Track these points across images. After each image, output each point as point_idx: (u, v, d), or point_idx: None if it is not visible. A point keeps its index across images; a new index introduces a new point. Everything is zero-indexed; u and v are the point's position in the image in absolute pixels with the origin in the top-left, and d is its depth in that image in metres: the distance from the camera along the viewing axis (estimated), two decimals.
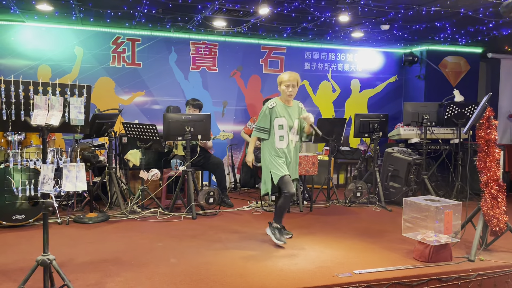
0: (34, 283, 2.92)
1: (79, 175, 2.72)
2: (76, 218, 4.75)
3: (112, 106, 5.77)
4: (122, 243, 4.02)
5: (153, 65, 6.62)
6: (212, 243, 4.07)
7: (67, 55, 6.23)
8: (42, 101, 2.65)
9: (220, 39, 6.89)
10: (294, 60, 7.30)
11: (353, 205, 5.76)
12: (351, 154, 7.22)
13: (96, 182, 5.25)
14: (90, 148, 5.41)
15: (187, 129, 5.04)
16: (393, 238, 4.29)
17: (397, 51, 7.88)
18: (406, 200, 3.90)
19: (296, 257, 3.69)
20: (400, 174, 5.80)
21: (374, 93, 7.86)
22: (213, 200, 5.18)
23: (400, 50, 7.85)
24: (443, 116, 6.01)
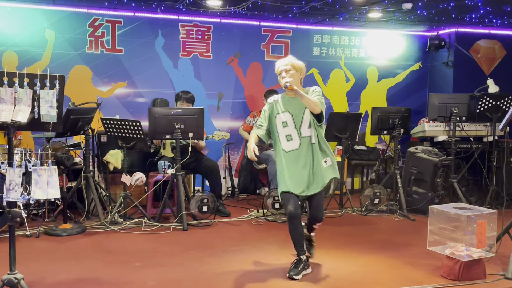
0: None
1: (51, 180, 2.71)
2: (48, 230, 4.74)
3: (89, 99, 5.75)
4: (101, 259, 4.01)
5: (137, 51, 6.60)
6: (207, 258, 4.06)
7: (36, 39, 6.21)
8: (7, 94, 2.64)
9: (215, 20, 6.88)
10: (301, 44, 7.29)
11: (370, 213, 5.75)
12: (368, 155, 7.21)
13: (71, 188, 5.24)
14: (64, 148, 5.41)
15: (177, 126, 5.03)
16: (417, 252, 4.29)
17: (421, 34, 7.87)
18: (433, 208, 3.89)
19: (305, 275, 3.67)
20: (425, 177, 5.79)
21: (395, 83, 7.85)
22: (207, 208, 5.18)
23: (425, 33, 7.84)
24: (475, 110, 6.00)
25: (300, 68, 3.67)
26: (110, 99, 6.55)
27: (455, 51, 7.57)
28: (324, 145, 3.71)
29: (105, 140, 5.79)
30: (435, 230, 3.87)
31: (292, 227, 3.63)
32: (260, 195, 6.82)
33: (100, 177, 5.74)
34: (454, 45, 7.56)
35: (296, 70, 3.63)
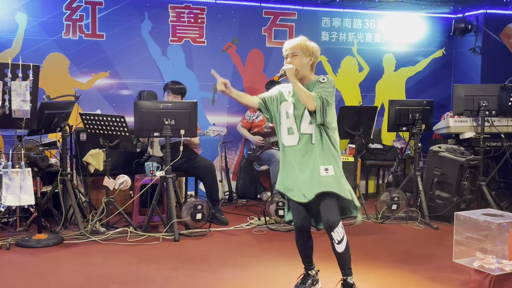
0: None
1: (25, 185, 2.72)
2: (20, 241, 4.74)
3: (66, 92, 5.76)
4: (81, 273, 4.02)
5: (120, 37, 6.61)
6: (201, 273, 4.07)
7: (5, 24, 6.21)
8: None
9: (209, 1, 6.89)
10: (308, 28, 7.29)
11: (387, 221, 5.76)
12: (384, 154, 7.23)
13: (46, 193, 5.25)
14: (38, 147, 5.41)
15: (167, 122, 5.04)
16: (441, 265, 4.31)
17: (445, 17, 7.88)
18: (459, 215, 3.90)
19: None
20: (449, 180, 5.81)
21: (415, 73, 7.87)
22: (202, 215, 5.19)
23: (449, 15, 7.85)
24: (507, 103, 6.00)
25: (310, 52, 3.53)
26: (90, 91, 6.55)
27: (484, 36, 7.58)
28: (329, 151, 3.47)
29: (85, 138, 5.80)
30: (462, 240, 3.88)
31: (300, 240, 3.63)
32: (261, 200, 6.84)
33: (79, 181, 5.75)
34: (482, 29, 7.57)
35: (305, 55, 3.51)
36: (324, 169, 3.40)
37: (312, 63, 3.56)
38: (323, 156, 3.44)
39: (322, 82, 3.46)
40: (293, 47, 3.51)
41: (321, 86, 3.45)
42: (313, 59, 3.55)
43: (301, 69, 3.51)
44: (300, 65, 3.50)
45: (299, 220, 3.54)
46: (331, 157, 3.45)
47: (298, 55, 3.50)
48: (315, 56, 3.56)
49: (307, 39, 3.57)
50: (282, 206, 5.42)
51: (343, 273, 3.44)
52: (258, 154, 6.47)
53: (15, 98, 2.66)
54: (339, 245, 3.38)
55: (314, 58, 3.56)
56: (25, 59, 2.81)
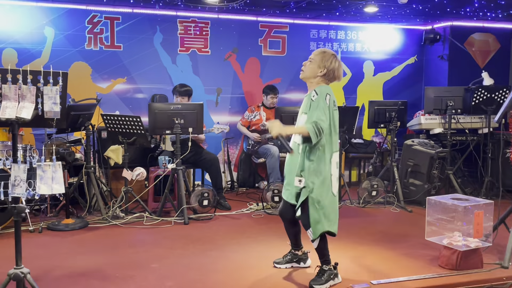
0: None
1: (56, 176, 2.72)
2: (50, 225, 4.75)
3: (88, 96, 5.74)
4: (104, 253, 4.03)
5: (136, 48, 6.60)
6: (208, 251, 4.08)
7: (35, 37, 6.19)
8: (11, 91, 2.64)
9: (213, 16, 6.87)
10: (298, 39, 7.29)
11: (368, 205, 5.78)
12: (365, 148, 7.24)
13: (72, 183, 5.25)
14: (65, 144, 5.41)
15: (177, 121, 5.04)
16: (415, 243, 4.32)
17: (416, 28, 7.88)
18: (430, 200, 3.92)
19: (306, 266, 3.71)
20: (421, 169, 5.82)
21: (391, 77, 7.87)
22: (208, 202, 5.20)
23: (420, 27, 7.86)
24: (470, 103, 6.01)
25: (325, 65, 3.30)
26: (109, 95, 6.54)
27: (450, 45, 7.59)
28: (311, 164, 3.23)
29: (106, 136, 5.78)
30: (433, 221, 3.90)
31: (285, 226, 3.67)
32: (259, 188, 6.84)
33: (101, 173, 5.75)
34: (449, 39, 7.58)
35: (319, 65, 3.31)
36: (298, 180, 3.29)
37: (323, 75, 3.32)
38: (302, 167, 3.28)
39: (313, 101, 3.25)
40: (315, 56, 3.35)
41: (313, 106, 3.24)
42: (325, 73, 3.32)
43: (308, 73, 3.36)
44: (309, 70, 3.35)
45: (281, 209, 3.60)
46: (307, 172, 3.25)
47: (313, 62, 3.34)
48: (328, 73, 3.32)
49: (334, 55, 3.36)
50: (277, 193, 5.43)
51: (321, 262, 3.40)
52: (256, 149, 6.47)
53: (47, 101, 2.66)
54: (313, 242, 3.35)
55: (326, 74, 3.32)
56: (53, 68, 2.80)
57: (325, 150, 3.26)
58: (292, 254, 3.74)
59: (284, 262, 3.72)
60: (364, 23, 7.57)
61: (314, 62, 3.33)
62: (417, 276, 3.50)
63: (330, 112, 3.27)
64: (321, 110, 3.19)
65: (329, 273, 3.33)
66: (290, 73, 7.17)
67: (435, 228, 3.89)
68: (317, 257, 3.41)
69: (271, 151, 6.18)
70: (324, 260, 3.38)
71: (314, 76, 3.34)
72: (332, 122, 3.28)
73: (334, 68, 3.33)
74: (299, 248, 3.73)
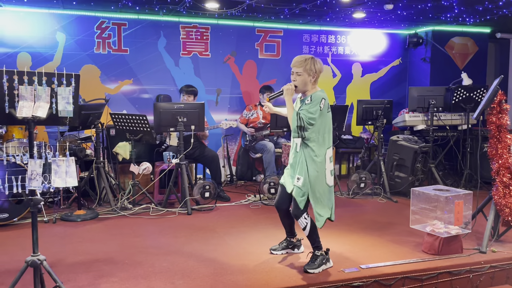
0: (23, 285, 2.94)
1: (69, 170, 2.72)
2: (64, 216, 4.75)
3: (98, 96, 5.74)
4: (113, 241, 4.04)
5: (141, 51, 6.58)
6: (210, 239, 4.10)
7: (48, 41, 6.18)
8: (27, 91, 2.64)
9: (212, 22, 6.86)
10: (292, 43, 7.29)
11: (356, 196, 5.80)
12: (354, 143, 7.26)
13: (83, 177, 5.24)
14: (76, 141, 5.40)
15: (180, 119, 5.04)
16: (400, 230, 4.34)
17: (401, 33, 7.90)
18: (414, 190, 3.94)
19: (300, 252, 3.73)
20: (406, 163, 5.85)
21: (377, 78, 7.88)
22: (209, 194, 5.21)
23: (404, 32, 7.87)
24: (451, 101, 6.05)
25: (314, 71, 3.30)
26: (117, 95, 6.53)
27: (432, 48, 7.60)
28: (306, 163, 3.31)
29: (114, 133, 5.78)
30: (417, 210, 3.92)
31: (280, 216, 3.68)
32: (256, 181, 6.85)
33: (110, 167, 5.75)
34: (430, 42, 7.60)
35: (308, 74, 3.30)
36: (297, 178, 3.35)
37: (315, 79, 3.36)
38: (301, 165, 3.33)
39: (307, 104, 3.30)
40: (298, 68, 3.31)
41: (305, 107, 3.30)
42: (316, 76, 3.35)
43: (303, 86, 3.34)
44: (303, 83, 3.33)
45: (277, 201, 3.59)
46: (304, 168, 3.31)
47: (301, 74, 3.31)
48: (318, 73, 3.35)
49: (312, 58, 3.33)
50: (273, 185, 5.44)
51: (313, 248, 3.43)
52: (253, 145, 6.48)
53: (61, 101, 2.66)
54: (304, 230, 3.39)
55: (313, 74, 3.33)
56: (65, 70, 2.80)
57: (320, 148, 3.32)
58: (287, 241, 3.76)
59: (280, 248, 3.74)
60: (352, 28, 7.58)
61: (302, 73, 3.31)
62: (403, 261, 3.52)
63: (324, 114, 3.31)
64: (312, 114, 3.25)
65: (321, 258, 3.36)
66: (284, 74, 7.17)
67: (419, 216, 3.92)
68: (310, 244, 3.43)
69: (267, 147, 6.19)
70: (315, 246, 3.41)
71: (308, 85, 3.35)
72: (326, 123, 3.34)
73: (318, 69, 3.34)
74: (294, 235, 3.75)
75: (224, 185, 6.52)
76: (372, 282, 3.24)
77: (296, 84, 3.34)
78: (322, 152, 3.33)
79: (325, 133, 3.35)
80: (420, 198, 3.90)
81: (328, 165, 3.36)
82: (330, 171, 3.39)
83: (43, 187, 2.69)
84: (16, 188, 2.75)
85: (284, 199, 3.52)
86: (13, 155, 2.95)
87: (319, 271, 3.31)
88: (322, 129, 3.32)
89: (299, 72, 3.31)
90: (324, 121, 3.34)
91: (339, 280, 3.18)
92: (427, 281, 3.37)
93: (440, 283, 3.41)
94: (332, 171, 3.41)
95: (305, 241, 3.60)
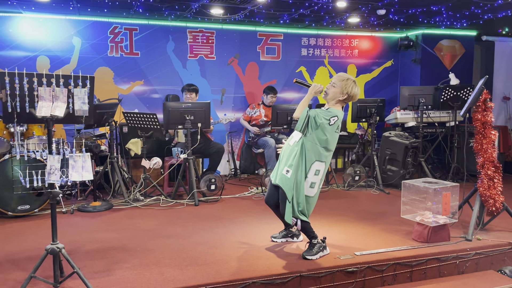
0: (44, 271, 2.96)
1: (85, 165, 2.73)
2: (80, 207, 4.77)
3: (111, 96, 5.76)
4: (127, 230, 4.05)
5: (151, 54, 6.58)
6: (216, 228, 4.11)
7: (65, 45, 6.18)
8: (46, 92, 2.65)
9: (217, 26, 6.85)
10: (291, 46, 7.27)
11: (351, 188, 5.80)
12: (349, 139, 7.25)
13: (98, 171, 5.26)
14: (92, 138, 5.42)
15: (187, 118, 5.05)
16: (392, 220, 4.35)
17: (393, 36, 7.86)
18: (405, 183, 3.94)
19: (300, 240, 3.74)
20: (397, 157, 5.84)
21: (371, 78, 7.86)
22: (215, 186, 5.21)
23: (396, 35, 7.83)
24: (439, 100, 6.03)
25: (347, 92, 3.24)
26: (129, 95, 6.53)
27: (422, 50, 7.57)
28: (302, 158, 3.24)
29: (127, 131, 5.80)
30: (407, 201, 3.92)
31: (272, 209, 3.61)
32: (258, 175, 6.86)
33: (123, 162, 5.77)
34: (420, 45, 7.57)
35: (341, 91, 3.24)
36: (286, 170, 3.27)
37: (343, 100, 3.29)
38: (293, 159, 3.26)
39: (323, 110, 3.26)
40: (337, 80, 3.27)
41: (320, 110, 3.24)
42: (346, 98, 3.28)
43: (331, 97, 3.28)
44: (333, 95, 3.27)
45: (266, 197, 3.55)
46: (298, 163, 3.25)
47: (336, 87, 3.27)
48: (349, 97, 3.28)
49: (354, 81, 3.27)
50: None
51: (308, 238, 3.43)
52: (256, 141, 6.48)
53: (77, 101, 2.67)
54: (296, 226, 3.36)
55: (347, 99, 3.28)
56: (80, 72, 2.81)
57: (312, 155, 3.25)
58: (287, 230, 3.77)
59: (280, 236, 3.74)
60: (348, 32, 7.55)
61: (338, 87, 3.26)
62: (394, 248, 3.52)
63: (330, 129, 3.24)
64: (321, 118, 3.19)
65: (318, 246, 3.37)
66: (284, 75, 7.17)
67: (409, 207, 3.92)
68: None
69: (269, 143, 6.19)
70: (311, 236, 3.41)
71: (335, 100, 3.30)
72: (329, 140, 3.26)
73: (354, 94, 3.28)
74: (291, 226, 3.74)
75: (228, 178, 6.54)
76: (365, 268, 3.25)
77: (326, 91, 3.30)
78: (311, 159, 3.25)
79: (324, 147, 3.26)
80: (410, 190, 3.90)
81: (311, 176, 3.27)
82: (311, 183, 3.28)
83: (61, 180, 2.71)
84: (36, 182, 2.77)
85: (272, 193, 3.48)
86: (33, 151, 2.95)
87: (317, 258, 3.32)
88: (323, 142, 3.24)
89: (336, 84, 3.28)
90: (329, 136, 3.24)
91: (335, 266, 3.19)
92: (417, 267, 3.38)
93: (429, 269, 3.42)
94: (314, 184, 3.29)
95: None
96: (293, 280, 3.06)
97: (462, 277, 3.44)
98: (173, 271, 3.09)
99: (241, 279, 2.97)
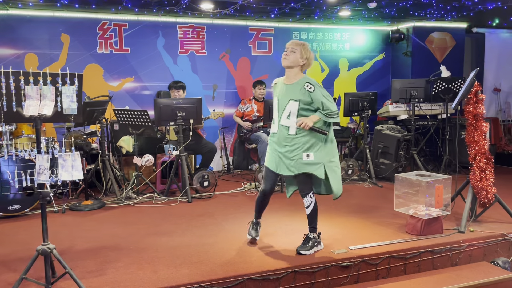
0: (35, 272, 2.93)
1: (75, 164, 2.69)
2: (72, 206, 4.73)
3: (101, 93, 5.68)
4: (119, 229, 4.02)
5: (141, 50, 6.51)
6: (209, 225, 4.09)
7: (53, 43, 6.10)
8: (33, 91, 2.60)
9: (208, 21, 6.79)
10: (283, 40, 7.20)
11: (344, 182, 5.79)
12: (341, 133, 7.25)
13: (90, 169, 5.21)
14: (82, 136, 5.36)
15: (179, 114, 5.01)
16: (385, 213, 4.35)
17: (384, 29, 7.85)
18: (398, 176, 3.94)
19: (292, 235, 3.72)
20: (390, 150, 5.85)
21: (362, 72, 7.85)
22: (208, 183, 5.20)
23: (387, 28, 7.83)
24: (431, 92, 6.04)
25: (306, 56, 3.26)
26: (120, 92, 6.47)
27: (413, 43, 7.58)
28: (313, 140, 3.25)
29: (118, 128, 5.74)
30: (400, 194, 3.93)
31: (261, 200, 3.55)
32: (251, 170, 6.84)
33: (114, 160, 5.71)
34: (411, 38, 7.57)
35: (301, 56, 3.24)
36: (306, 155, 3.24)
37: (303, 65, 3.30)
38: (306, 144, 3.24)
39: (311, 92, 3.21)
40: (295, 45, 3.26)
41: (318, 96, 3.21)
42: (305, 63, 3.30)
43: (292, 62, 3.26)
44: (294, 60, 3.25)
45: (265, 184, 3.46)
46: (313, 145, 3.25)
47: (295, 52, 3.25)
48: (308, 62, 3.31)
49: (308, 45, 3.32)
50: None
51: (308, 229, 3.42)
52: (248, 136, 6.46)
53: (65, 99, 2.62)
54: (307, 209, 3.37)
55: (307, 64, 3.31)
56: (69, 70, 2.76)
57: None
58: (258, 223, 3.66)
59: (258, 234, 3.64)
60: (339, 25, 7.53)
61: (297, 52, 3.25)
62: (388, 241, 3.53)
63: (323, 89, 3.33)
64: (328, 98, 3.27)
65: (313, 241, 3.36)
66: (276, 70, 7.13)
67: (402, 200, 3.93)
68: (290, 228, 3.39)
69: (262, 138, 6.17)
70: (312, 227, 3.40)
71: (296, 65, 3.28)
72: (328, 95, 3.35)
73: (311, 58, 3.32)
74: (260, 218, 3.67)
75: (221, 175, 6.51)
76: (360, 262, 3.25)
77: (286, 57, 3.25)
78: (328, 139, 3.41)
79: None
80: (403, 183, 3.90)
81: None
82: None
83: (51, 180, 2.67)
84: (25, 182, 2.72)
85: (273, 182, 3.45)
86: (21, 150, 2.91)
87: (311, 253, 3.31)
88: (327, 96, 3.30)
89: (295, 49, 3.25)
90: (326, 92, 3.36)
91: (330, 261, 3.19)
92: (411, 260, 3.39)
93: (423, 261, 3.43)
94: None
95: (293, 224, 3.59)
96: (287, 276, 3.06)
97: (456, 269, 3.46)
98: (166, 269, 3.07)
99: (235, 276, 2.96)
